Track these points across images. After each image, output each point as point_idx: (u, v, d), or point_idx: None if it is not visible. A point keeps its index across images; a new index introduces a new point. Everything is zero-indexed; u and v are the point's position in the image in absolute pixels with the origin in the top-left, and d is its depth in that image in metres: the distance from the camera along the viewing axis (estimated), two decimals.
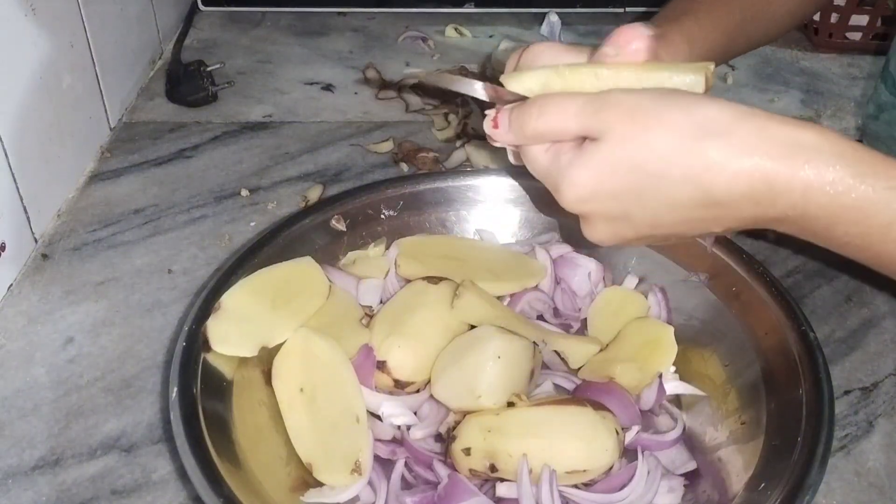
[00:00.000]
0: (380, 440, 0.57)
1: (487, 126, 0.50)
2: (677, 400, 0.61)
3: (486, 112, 0.51)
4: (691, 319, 0.63)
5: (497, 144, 0.51)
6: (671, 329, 0.62)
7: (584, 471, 0.53)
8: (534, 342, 0.59)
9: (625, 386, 0.59)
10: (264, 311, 0.58)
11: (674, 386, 0.60)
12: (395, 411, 0.58)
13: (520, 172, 0.73)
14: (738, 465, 0.53)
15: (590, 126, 0.45)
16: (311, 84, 1.03)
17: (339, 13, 1.18)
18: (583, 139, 0.46)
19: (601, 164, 0.44)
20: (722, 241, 0.62)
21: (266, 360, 0.57)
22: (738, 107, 0.43)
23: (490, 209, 0.70)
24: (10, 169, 0.71)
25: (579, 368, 0.62)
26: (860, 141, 0.95)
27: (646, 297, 0.65)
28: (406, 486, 0.56)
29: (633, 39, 0.49)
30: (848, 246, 0.44)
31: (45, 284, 0.73)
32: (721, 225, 0.45)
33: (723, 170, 0.42)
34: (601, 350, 0.63)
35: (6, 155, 0.70)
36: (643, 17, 1.27)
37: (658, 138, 0.43)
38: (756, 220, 0.44)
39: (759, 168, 0.41)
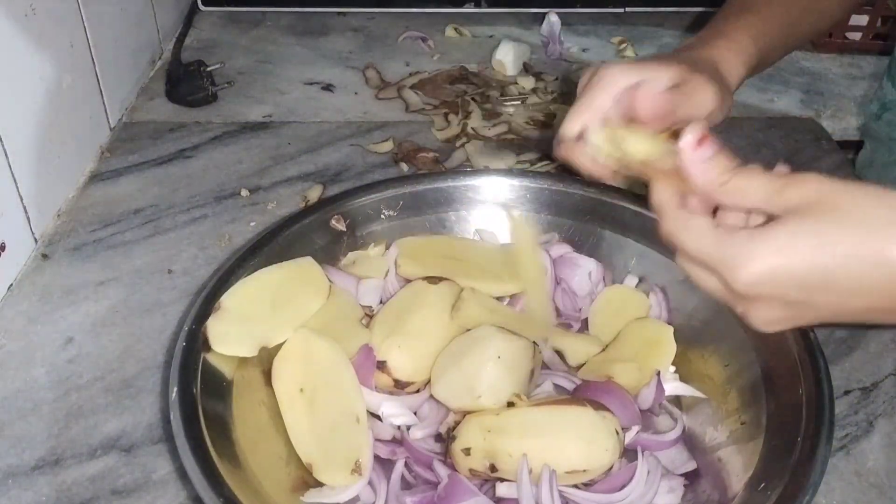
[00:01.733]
0: (380, 440, 0.57)
1: (689, 142, 0.45)
2: (677, 400, 0.61)
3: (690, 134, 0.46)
4: (691, 319, 0.63)
5: (688, 158, 0.46)
6: (671, 329, 0.62)
7: (584, 471, 0.53)
8: (534, 342, 0.59)
9: (624, 385, 0.59)
10: (264, 311, 0.58)
11: (674, 387, 0.60)
12: (395, 411, 0.58)
13: (520, 173, 0.73)
14: (738, 465, 0.53)
15: (773, 203, 0.42)
16: (311, 84, 1.03)
17: (339, 13, 1.18)
18: (750, 214, 0.44)
19: (786, 241, 0.41)
20: None
21: (266, 360, 0.57)
22: None
23: (490, 209, 0.70)
24: (10, 169, 0.71)
25: (579, 367, 0.62)
26: (861, 142, 0.95)
27: (646, 296, 0.65)
28: (406, 486, 0.56)
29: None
30: None
31: (45, 284, 0.73)
32: None
33: None
34: (601, 350, 0.63)
35: (6, 155, 0.70)
36: (643, 17, 1.27)
37: (850, 218, 0.40)
38: None
39: None
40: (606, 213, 0.67)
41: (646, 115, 0.52)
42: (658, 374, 0.59)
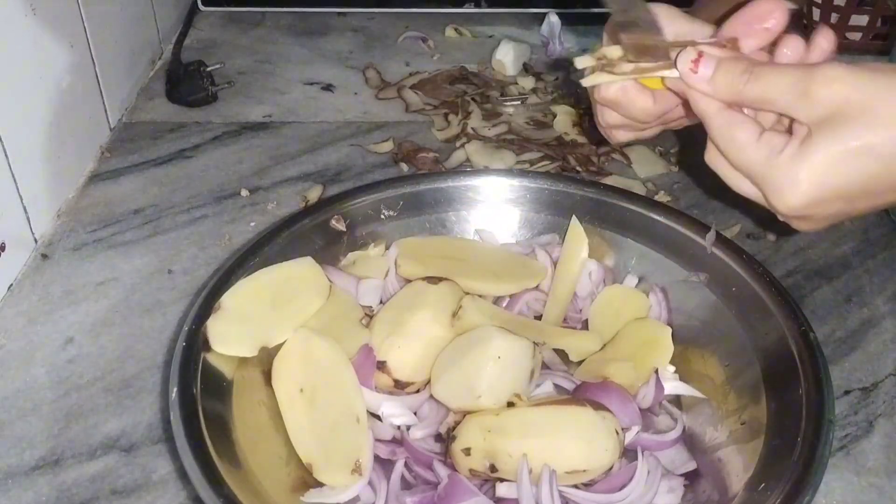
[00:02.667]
0: (380, 440, 0.57)
1: (684, 63, 0.46)
2: (677, 400, 0.61)
3: (679, 49, 0.47)
4: (691, 319, 0.63)
5: (689, 83, 0.47)
6: (669, 330, 0.62)
7: (584, 471, 0.53)
8: (534, 342, 0.59)
9: (620, 385, 0.59)
10: (264, 311, 0.58)
11: (673, 386, 0.60)
12: (395, 411, 0.58)
13: (520, 173, 0.73)
14: (738, 465, 0.53)
15: (800, 108, 0.42)
16: (311, 84, 1.03)
17: (339, 13, 1.18)
18: (790, 123, 0.44)
19: (826, 161, 0.41)
20: (722, 241, 0.62)
21: (266, 360, 0.57)
22: None
23: (490, 209, 0.70)
24: (10, 169, 0.71)
25: (580, 363, 0.62)
26: None
27: (646, 296, 0.65)
28: (406, 486, 0.56)
29: (767, 17, 0.47)
30: None
31: (45, 284, 0.73)
32: None
33: None
34: (599, 349, 0.63)
35: (6, 155, 0.70)
36: None
37: (883, 117, 0.40)
38: None
39: None
40: (606, 213, 0.67)
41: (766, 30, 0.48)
42: (657, 372, 0.59)
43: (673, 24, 0.52)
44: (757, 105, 0.45)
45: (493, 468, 0.53)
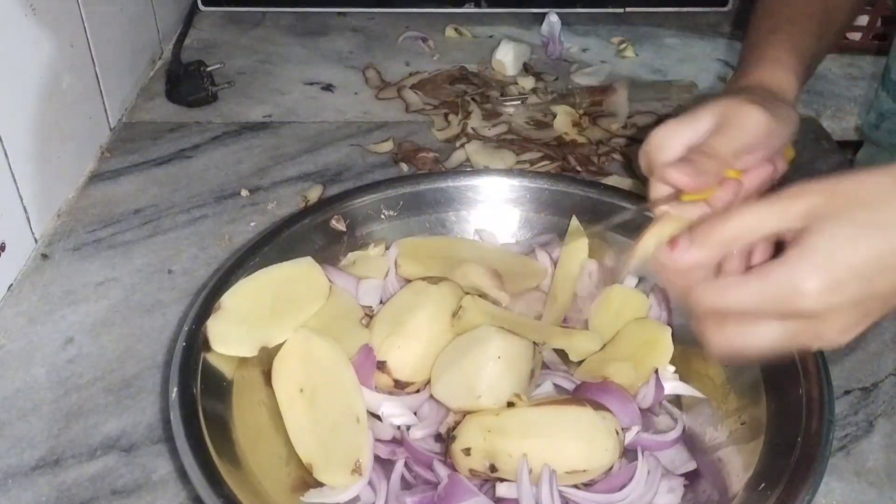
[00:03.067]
0: (380, 440, 0.57)
1: (664, 254, 0.45)
2: (677, 400, 0.61)
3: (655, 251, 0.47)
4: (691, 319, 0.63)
5: (677, 269, 0.45)
6: (668, 330, 0.62)
7: (584, 471, 0.53)
8: (534, 342, 0.59)
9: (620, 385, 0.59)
10: (264, 311, 0.58)
11: (673, 386, 0.60)
12: (395, 411, 0.58)
13: (520, 173, 0.73)
14: (738, 465, 0.53)
15: (788, 220, 0.42)
16: (311, 84, 1.03)
17: (339, 13, 1.18)
18: (774, 244, 0.44)
19: (827, 246, 0.41)
20: None
21: (266, 360, 0.57)
22: None
23: (490, 209, 0.70)
24: (10, 169, 0.71)
25: (580, 363, 0.62)
26: (861, 143, 0.95)
27: (646, 296, 0.65)
28: (406, 486, 0.56)
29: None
30: None
31: (45, 284, 0.73)
32: None
33: None
34: (599, 349, 0.63)
35: (6, 155, 0.70)
36: (643, 17, 1.26)
37: (868, 196, 0.41)
38: None
39: None
40: (606, 213, 0.67)
41: (688, 186, 0.50)
42: (657, 372, 0.59)
43: (678, 138, 0.51)
44: (746, 235, 0.44)
45: (493, 468, 0.53)
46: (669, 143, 0.52)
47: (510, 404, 0.55)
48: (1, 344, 0.67)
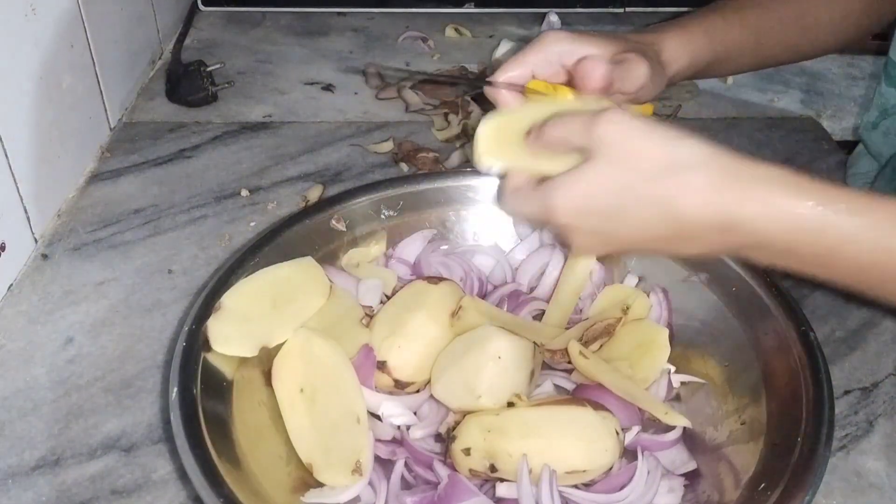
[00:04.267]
0: (380, 440, 0.57)
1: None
2: (677, 400, 0.61)
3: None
4: (691, 319, 0.63)
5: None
6: (665, 331, 0.62)
7: (584, 471, 0.53)
8: (534, 342, 0.59)
9: None
10: (264, 311, 0.58)
11: (674, 378, 0.61)
12: (395, 411, 0.58)
13: None
14: (738, 465, 0.53)
15: (585, 140, 0.48)
16: (311, 84, 1.03)
17: (339, 13, 1.18)
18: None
19: (592, 181, 0.48)
20: None
21: (266, 360, 0.57)
22: (709, 147, 0.47)
23: (490, 209, 0.70)
24: (10, 169, 0.71)
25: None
26: (857, 143, 0.95)
27: (647, 296, 0.65)
28: (406, 486, 0.55)
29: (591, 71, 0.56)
30: (806, 267, 0.48)
31: (45, 284, 0.73)
32: (693, 248, 0.49)
33: (690, 202, 0.46)
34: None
35: (6, 155, 0.70)
36: (643, 17, 1.27)
37: (641, 165, 0.47)
38: (724, 247, 0.49)
39: (720, 201, 0.46)
40: None
41: (590, 84, 0.57)
42: (669, 371, 0.60)
43: (558, 44, 0.58)
44: (560, 143, 0.51)
45: (493, 468, 0.53)
46: (559, 45, 0.59)
47: (510, 404, 0.55)
48: (1, 344, 0.67)
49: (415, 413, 0.59)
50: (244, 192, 0.84)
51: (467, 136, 0.92)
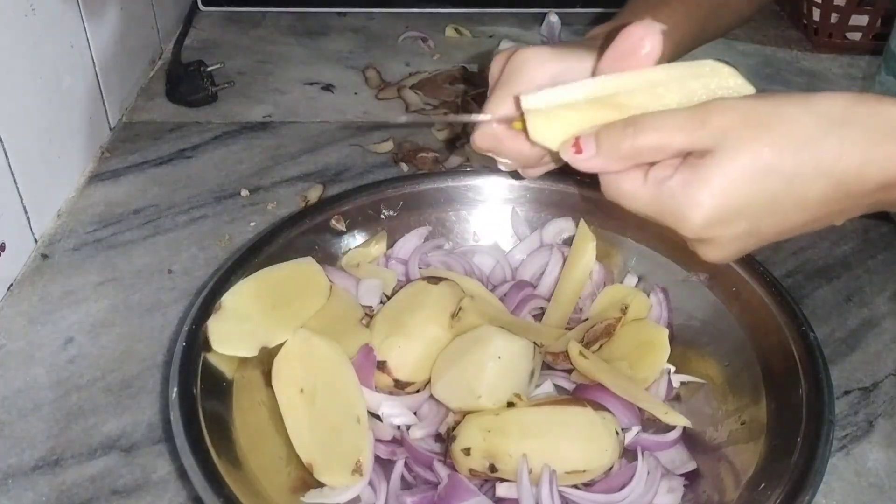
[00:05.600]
0: (380, 440, 0.57)
1: (567, 153, 0.45)
2: (677, 400, 0.61)
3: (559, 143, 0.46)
4: (691, 319, 0.63)
5: (581, 167, 0.45)
6: (665, 332, 0.62)
7: (584, 471, 0.53)
8: (534, 342, 0.59)
9: None
10: (265, 312, 0.58)
11: (674, 378, 0.61)
12: (395, 411, 0.58)
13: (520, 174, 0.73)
14: (738, 465, 0.53)
15: (698, 138, 0.41)
16: (311, 84, 1.03)
17: (339, 13, 1.18)
18: (683, 157, 0.42)
19: (725, 177, 0.40)
20: None
21: (266, 360, 0.57)
22: (846, 94, 0.41)
23: (490, 209, 0.70)
24: (10, 169, 0.71)
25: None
26: None
27: (647, 296, 0.65)
28: (406, 486, 0.56)
29: (642, 41, 0.46)
30: None
31: (45, 284, 0.73)
32: (846, 216, 0.43)
33: (853, 159, 0.40)
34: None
35: (6, 155, 0.70)
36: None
37: (783, 137, 0.40)
38: (879, 205, 0.43)
39: (882, 156, 0.40)
40: (606, 212, 0.67)
41: (651, 57, 0.48)
42: (669, 371, 0.60)
43: (544, 66, 0.51)
44: (654, 152, 0.43)
45: (493, 468, 0.53)
46: (542, 68, 0.52)
47: (510, 404, 0.55)
48: (1, 344, 0.67)
49: (415, 413, 0.59)
50: (244, 193, 0.84)
51: (467, 135, 0.92)
